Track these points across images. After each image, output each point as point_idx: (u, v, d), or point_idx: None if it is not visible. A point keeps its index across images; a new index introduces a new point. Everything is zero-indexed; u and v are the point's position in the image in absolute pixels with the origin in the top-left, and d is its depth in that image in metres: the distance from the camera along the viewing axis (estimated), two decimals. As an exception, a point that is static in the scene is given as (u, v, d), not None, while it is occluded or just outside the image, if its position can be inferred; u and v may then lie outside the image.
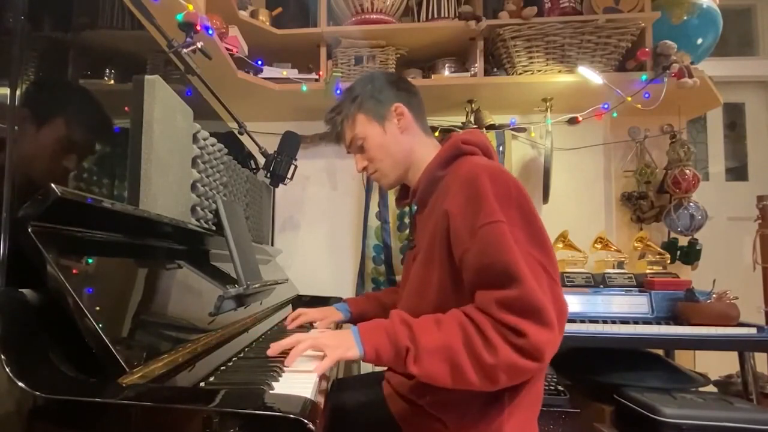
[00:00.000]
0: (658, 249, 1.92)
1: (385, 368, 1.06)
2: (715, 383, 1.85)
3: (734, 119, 2.73)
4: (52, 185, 0.55)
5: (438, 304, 0.86)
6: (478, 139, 0.98)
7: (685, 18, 1.93)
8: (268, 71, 1.92)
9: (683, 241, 2.00)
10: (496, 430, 0.83)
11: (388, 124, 1.02)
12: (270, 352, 0.83)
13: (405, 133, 1.02)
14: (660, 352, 1.83)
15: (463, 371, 0.73)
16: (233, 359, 0.87)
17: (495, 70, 1.98)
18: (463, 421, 0.84)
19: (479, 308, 0.76)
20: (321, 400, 0.73)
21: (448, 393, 0.80)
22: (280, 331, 1.19)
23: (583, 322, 1.58)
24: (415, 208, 1.07)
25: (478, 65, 1.93)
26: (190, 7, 1.19)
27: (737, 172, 2.70)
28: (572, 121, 2.04)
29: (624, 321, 1.60)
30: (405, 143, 1.02)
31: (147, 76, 0.85)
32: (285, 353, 0.82)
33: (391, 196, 2.11)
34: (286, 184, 1.74)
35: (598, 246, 1.92)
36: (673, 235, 2.03)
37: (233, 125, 1.50)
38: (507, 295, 0.73)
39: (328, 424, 0.93)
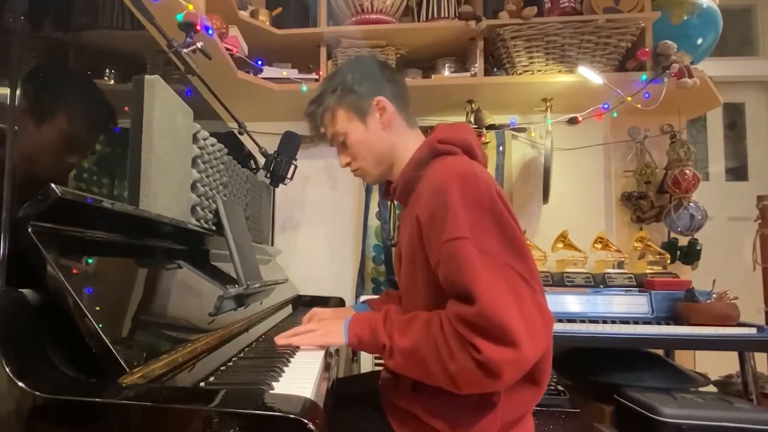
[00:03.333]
0: (658, 249, 1.93)
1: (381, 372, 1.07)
2: (715, 383, 1.85)
3: (734, 119, 2.73)
4: (52, 185, 0.55)
5: (429, 302, 0.86)
6: (459, 137, 0.93)
7: (685, 18, 1.93)
8: (268, 71, 1.92)
9: (683, 241, 2.00)
10: None
11: (369, 120, 0.97)
12: (278, 338, 0.98)
13: (388, 128, 0.98)
14: (660, 352, 1.83)
15: (431, 373, 0.77)
16: (233, 359, 0.87)
17: (495, 70, 1.98)
18: (455, 427, 0.83)
19: (447, 317, 0.77)
20: (321, 399, 0.74)
21: (438, 400, 0.83)
22: (280, 331, 1.19)
23: (583, 322, 1.58)
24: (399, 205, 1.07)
25: (478, 65, 1.93)
26: (190, 7, 1.19)
27: (737, 172, 2.70)
28: (572, 121, 2.04)
29: (624, 321, 1.60)
30: (388, 139, 0.98)
31: (147, 76, 0.85)
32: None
33: (391, 196, 2.11)
34: (286, 184, 1.74)
35: (598, 246, 1.92)
36: (673, 235, 2.03)
37: (233, 125, 1.50)
38: (466, 311, 0.73)
39: (328, 423, 0.93)
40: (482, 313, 0.71)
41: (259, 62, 1.88)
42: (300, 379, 0.77)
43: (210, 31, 1.38)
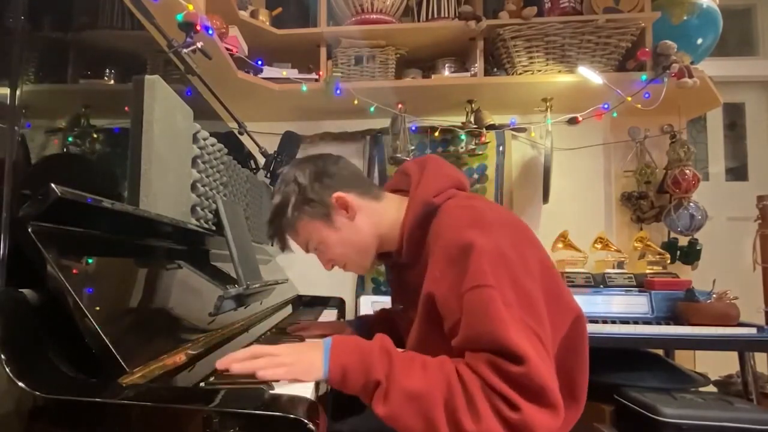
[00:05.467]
0: (658, 249, 1.93)
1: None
2: (715, 383, 1.85)
3: (734, 119, 2.73)
4: (52, 185, 0.55)
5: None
6: (447, 180, 0.88)
7: (685, 18, 1.93)
8: (268, 71, 1.92)
9: (683, 241, 2.00)
10: None
11: (336, 219, 0.90)
12: (234, 368, 0.67)
13: (358, 216, 0.90)
14: (660, 352, 1.83)
15: (434, 428, 0.63)
16: (233, 359, 0.86)
17: (495, 70, 1.98)
18: None
19: (474, 369, 0.65)
20: (321, 400, 0.73)
21: None
22: (280, 330, 1.19)
23: (583, 322, 1.57)
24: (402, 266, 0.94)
25: (478, 65, 1.93)
26: (190, 7, 1.19)
27: (737, 172, 2.70)
28: (572, 121, 2.04)
29: (624, 321, 1.60)
30: (364, 227, 0.91)
31: (147, 76, 0.85)
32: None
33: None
34: (286, 184, 1.74)
35: (598, 246, 1.92)
36: (673, 235, 2.03)
37: (233, 125, 1.50)
38: (509, 368, 0.63)
39: (328, 423, 0.93)
40: (530, 374, 0.62)
41: (259, 62, 1.88)
42: (300, 379, 0.76)
43: (210, 31, 1.38)
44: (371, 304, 1.93)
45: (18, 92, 0.57)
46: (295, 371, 0.68)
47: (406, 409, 0.64)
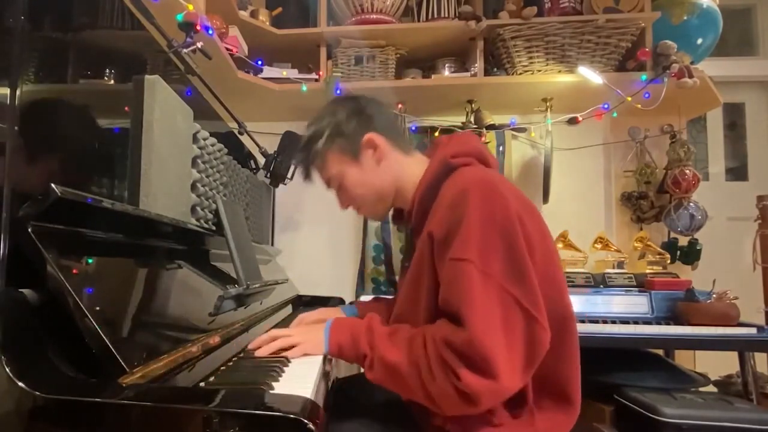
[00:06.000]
0: (658, 249, 1.92)
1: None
2: (715, 383, 1.85)
3: (734, 119, 2.73)
4: (52, 185, 0.55)
5: (428, 323, 0.83)
6: (471, 148, 0.92)
7: (685, 18, 1.93)
8: (268, 71, 1.92)
9: (683, 241, 2.00)
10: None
11: (362, 158, 0.94)
12: (259, 352, 0.87)
13: (384, 162, 0.95)
14: (660, 352, 1.83)
15: (411, 391, 0.77)
16: (233, 359, 0.87)
17: (495, 70, 1.98)
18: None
19: (434, 339, 0.75)
20: (321, 399, 0.74)
21: (474, 420, 0.81)
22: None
23: (583, 322, 1.57)
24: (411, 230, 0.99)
25: (478, 65, 1.93)
26: (190, 7, 1.19)
27: (737, 172, 2.70)
28: (572, 121, 2.04)
29: (624, 321, 1.60)
30: (386, 173, 0.95)
31: (147, 76, 0.85)
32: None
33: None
34: (286, 184, 1.74)
35: (598, 246, 1.92)
36: (673, 235, 2.03)
37: (233, 125, 1.50)
38: (454, 337, 0.72)
39: (328, 423, 0.93)
40: (470, 340, 0.70)
41: (259, 62, 1.88)
42: (300, 379, 0.77)
43: (210, 31, 1.38)
44: (371, 304, 1.93)
45: (18, 92, 0.57)
46: (305, 348, 0.87)
47: (387, 375, 0.79)
